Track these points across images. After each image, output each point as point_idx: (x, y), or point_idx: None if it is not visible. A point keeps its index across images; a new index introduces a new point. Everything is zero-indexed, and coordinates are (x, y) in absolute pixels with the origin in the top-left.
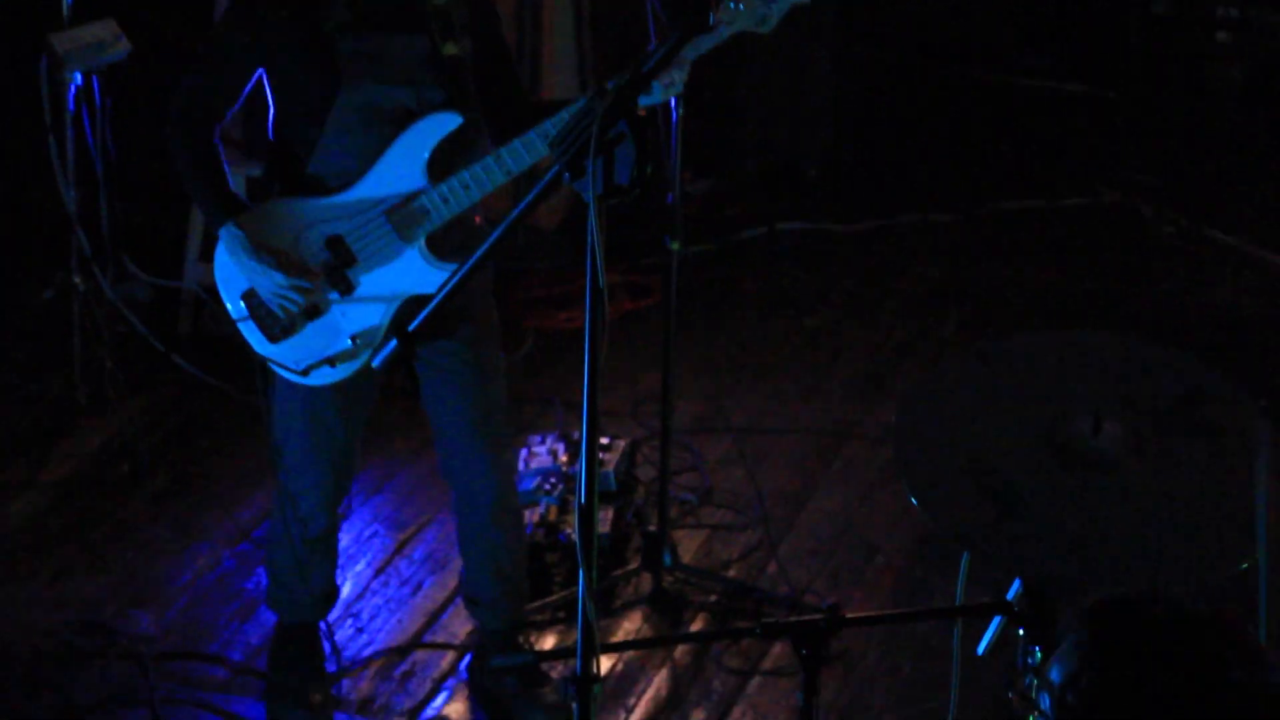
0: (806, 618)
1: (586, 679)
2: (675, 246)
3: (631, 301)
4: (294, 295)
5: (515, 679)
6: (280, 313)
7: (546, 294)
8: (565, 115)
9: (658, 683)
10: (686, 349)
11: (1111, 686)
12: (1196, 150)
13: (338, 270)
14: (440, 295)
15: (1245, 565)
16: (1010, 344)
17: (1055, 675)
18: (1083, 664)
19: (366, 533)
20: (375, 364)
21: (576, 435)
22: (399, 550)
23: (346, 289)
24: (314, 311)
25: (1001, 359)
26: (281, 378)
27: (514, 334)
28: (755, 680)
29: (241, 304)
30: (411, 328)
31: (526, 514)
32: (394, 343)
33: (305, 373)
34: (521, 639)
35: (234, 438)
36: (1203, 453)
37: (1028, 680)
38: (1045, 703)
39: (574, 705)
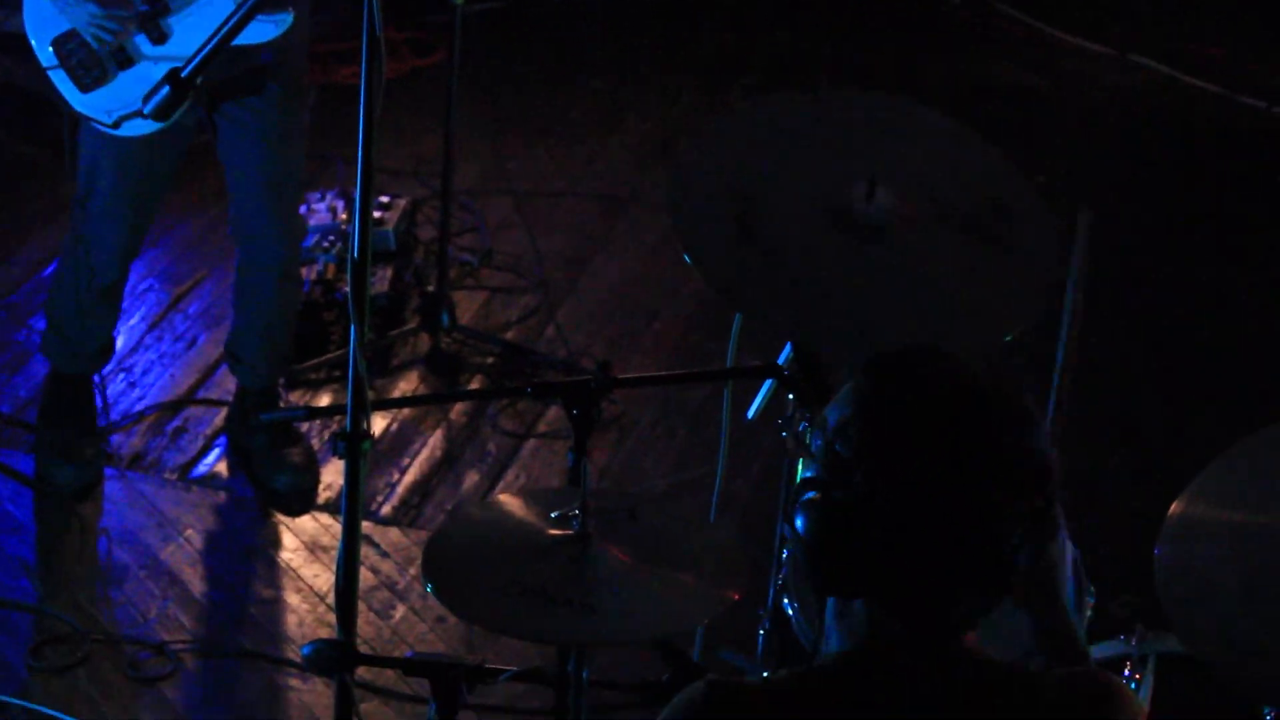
0: (577, 378)
1: (356, 435)
2: (460, 2)
3: (416, 59)
4: (110, 25)
5: (265, 437)
6: (95, 44)
7: (331, 49)
8: None
9: (433, 444)
10: (470, 108)
11: (879, 438)
12: None
13: (152, 19)
14: (213, 42)
15: (1009, 337)
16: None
17: (829, 419)
18: (855, 411)
19: (141, 286)
20: (146, 110)
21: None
22: (174, 305)
23: (160, 38)
24: (126, 61)
25: (808, 114)
26: (91, 125)
27: None
28: (530, 443)
29: (51, 51)
30: (185, 73)
31: (304, 271)
32: (166, 89)
33: (116, 125)
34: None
35: (7, 188)
36: (978, 245)
37: (803, 424)
38: (816, 446)
39: (344, 462)
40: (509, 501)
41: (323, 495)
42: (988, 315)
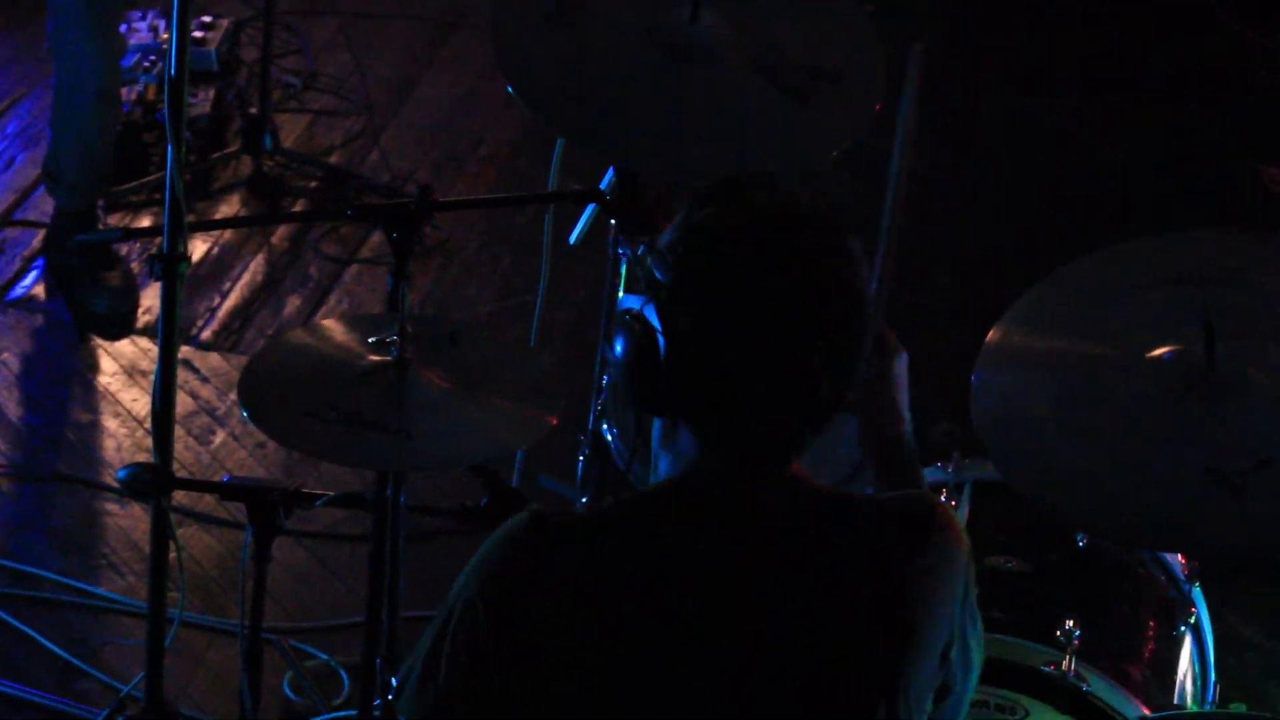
0: (397, 200)
1: (173, 257)
2: None
3: None
4: None
5: (83, 259)
6: None
7: None
8: None
9: (254, 268)
10: None
11: (689, 258)
12: None
13: None
14: None
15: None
16: None
17: (660, 242)
18: (680, 236)
19: None
20: None
21: None
22: None
23: None
24: None
25: None
26: None
27: None
28: (353, 268)
29: None
30: None
31: (124, 92)
32: None
33: None
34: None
35: None
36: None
37: (640, 248)
38: (656, 272)
39: (160, 284)
40: (329, 326)
41: (141, 319)
42: (786, 155)
